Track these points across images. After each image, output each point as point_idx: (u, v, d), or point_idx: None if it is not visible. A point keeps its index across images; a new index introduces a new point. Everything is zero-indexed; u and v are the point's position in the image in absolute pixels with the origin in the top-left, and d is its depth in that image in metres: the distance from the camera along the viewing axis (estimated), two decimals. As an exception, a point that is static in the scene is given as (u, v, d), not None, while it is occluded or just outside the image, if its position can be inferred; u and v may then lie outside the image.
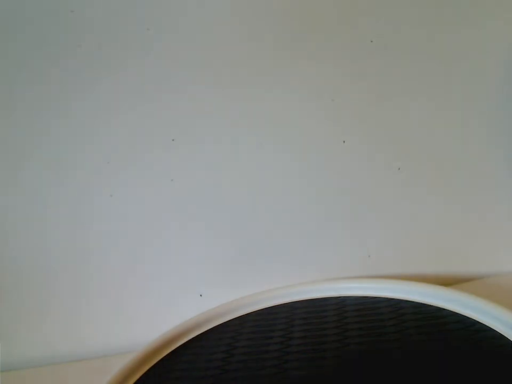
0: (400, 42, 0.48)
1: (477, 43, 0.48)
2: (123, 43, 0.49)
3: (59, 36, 0.48)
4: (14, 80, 0.49)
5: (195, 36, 0.49)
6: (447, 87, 0.49)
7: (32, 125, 0.50)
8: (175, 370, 0.38)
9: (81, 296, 0.53)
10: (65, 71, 0.49)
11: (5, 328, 0.53)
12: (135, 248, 0.52)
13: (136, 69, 0.49)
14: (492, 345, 0.32)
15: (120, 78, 0.49)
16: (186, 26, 0.49)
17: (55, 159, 0.51)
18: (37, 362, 0.53)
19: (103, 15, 0.48)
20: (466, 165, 0.50)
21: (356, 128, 0.49)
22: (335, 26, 0.48)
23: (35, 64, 0.49)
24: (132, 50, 0.49)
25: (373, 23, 0.48)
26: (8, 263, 0.52)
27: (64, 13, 0.48)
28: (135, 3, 0.48)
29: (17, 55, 0.49)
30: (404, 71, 0.48)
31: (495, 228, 0.51)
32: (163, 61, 0.49)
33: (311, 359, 0.34)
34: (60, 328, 0.53)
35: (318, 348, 0.35)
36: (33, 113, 0.50)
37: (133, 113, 0.50)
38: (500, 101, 0.49)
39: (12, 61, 0.49)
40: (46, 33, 0.48)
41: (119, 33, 0.48)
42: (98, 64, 0.49)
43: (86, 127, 0.50)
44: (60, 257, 0.52)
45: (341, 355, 0.34)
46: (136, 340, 0.44)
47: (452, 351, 0.32)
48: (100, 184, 0.51)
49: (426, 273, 0.51)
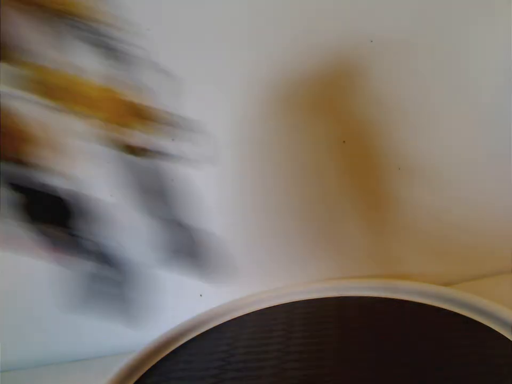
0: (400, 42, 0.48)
1: (477, 43, 0.48)
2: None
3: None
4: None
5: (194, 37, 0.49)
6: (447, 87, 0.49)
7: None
8: (175, 371, 0.38)
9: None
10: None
11: (5, 328, 0.53)
12: (136, 249, 0.52)
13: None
14: (492, 345, 0.32)
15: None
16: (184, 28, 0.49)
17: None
18: (37, 362, 0.53)
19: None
20: (466, 165, 0.50)
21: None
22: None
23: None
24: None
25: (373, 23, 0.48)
26: (9, 263, 0.52)
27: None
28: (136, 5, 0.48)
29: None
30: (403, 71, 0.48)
31: (495, 228, 0.51)
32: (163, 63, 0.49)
33: (310, 359, 0.34)
34: (59, 328, 0.53)
35: (318, 348, 0.35)
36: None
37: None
38: (500, 100, 0.49)
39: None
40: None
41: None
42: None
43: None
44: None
45: (341, 355, 0.34)
46: (136, 340, 0.44)
47: (452, 351, 0.32)
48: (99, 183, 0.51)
49: (426, 274, 0.51)
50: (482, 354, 0.31)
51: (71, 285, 0.23)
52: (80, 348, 0.53)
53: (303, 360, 0.34)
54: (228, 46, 0.45)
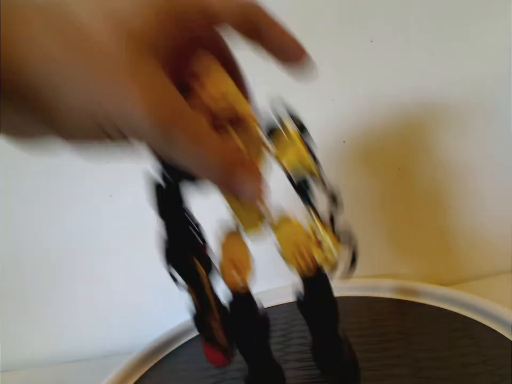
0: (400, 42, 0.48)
1: (478, 42, 0.48)
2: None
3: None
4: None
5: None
6: (447, 87, 0.49)
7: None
8: (175, 371, 0.38)
9: (81, 296, 0.53)
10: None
11: (5, 328, 0.53)
12: (135, 248, 0.52)
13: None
14: (492, 345, 0.32)
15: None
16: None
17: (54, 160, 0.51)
18: (37, 362, 0.53)
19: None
20: (466, 164, 0.50)
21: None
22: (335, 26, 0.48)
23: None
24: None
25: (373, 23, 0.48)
26: (9, 263, 0.52)
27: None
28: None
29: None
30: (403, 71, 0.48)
31: (495, 228, 0.51)
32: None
33: (310, 359, 0.34)
34: (59, 328, 0.54)
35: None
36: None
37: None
38: (501, 100, 0.49)
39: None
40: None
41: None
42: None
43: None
44: (60, 257, 0.52)
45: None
46: (136, 340, 0.44)
47: (452, 351, 0.32)
48: (100, 184, 0.51)
49: (426, 274, 0.51)
50: (482, 354, 0.31)
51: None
52: (80, 348, 0.53)
53: (303, 360, 0.34)
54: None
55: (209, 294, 0.25)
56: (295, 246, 0.25)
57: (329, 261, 0.25)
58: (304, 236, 0.25)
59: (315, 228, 0.25)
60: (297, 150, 0.25)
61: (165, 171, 0.24)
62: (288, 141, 0.24)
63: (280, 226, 0.25)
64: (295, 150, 0.25)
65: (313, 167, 0.25)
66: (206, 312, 0.25)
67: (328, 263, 0.25)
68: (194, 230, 0.25)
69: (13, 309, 0.53)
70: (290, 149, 0.25)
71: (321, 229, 0.25)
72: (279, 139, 0.24)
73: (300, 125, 0.25)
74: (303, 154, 0.25)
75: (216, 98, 0.21)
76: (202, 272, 0.25)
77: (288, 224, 0.25)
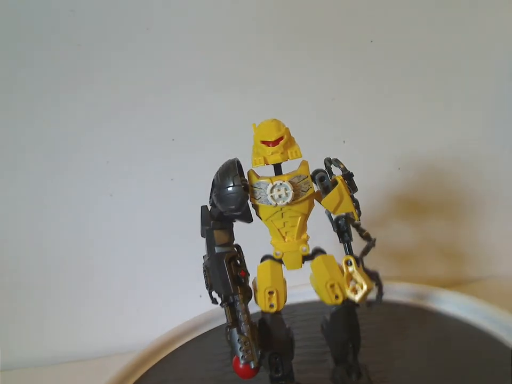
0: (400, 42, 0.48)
1: (478, 42, 0.48)
2: (123, 42, 0.49)
3: (59, 35, 0.48)
4: (13, 79, 0.49)
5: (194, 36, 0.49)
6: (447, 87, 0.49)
7: (31, 123, 0.50)
8: (175, 371, 0.38)
9: (82, 297, 0.53)
10: (65, 69, 0.49)
11: (5, 328, 0.53)
12: (136, 249, 0.52)
13: (136, 69, 0.49)
14: (491, 347, 0.32)
15: (120, 76, 0.49)
16: (184, 28, 0.49)
17: (54, 160, 0.51)
18: (37, 362, 0.53)
19: (103, 15, 0.48)
20: (466, 164, 0.50)
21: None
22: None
23: (35, 63, 0.49)
24: (131, 50, 0.49)
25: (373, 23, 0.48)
26: (9, 263, 0.52)
27: (64, 12, 0.48)
28: (136, 3, 0.48)
29: (17, 53, 0.49)
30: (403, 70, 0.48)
31: (495, 229, 0.51)
32: (163, 62, 0.49)
33: (311, 361, 0.34)
34: (59, 328, 0.53)
35: (319, 350, 0.35)
36: (32, 111, 0.50)
37: (132, 111, 0.50)
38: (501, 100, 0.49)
39: (11, 59, 0.49)
40: (46, 32, 0.48)
41: (119, 32, 0.48)
42: (99, 62, 0.49)
43: (85, 126, 0.50)
44: (61, 257, 0.52)
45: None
46: (136, 340, 0.44)
47: (452, 352, 0.32)
48: (100, 184, 0.51)
49: (426, 274, 0.51)
50: (482, 356, 0.31)
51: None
52: (80, 348, 0.53)
53: (303, 361, 0.34)
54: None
55: (244, 316, 0.28)
56: (328, 278, 0.28)
57: (359, 293, 0.28)
58: (337, 269, 0.28)
59: (348, 264, 0.28)
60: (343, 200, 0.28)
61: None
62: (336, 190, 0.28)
63: (316, 261, 0.29)
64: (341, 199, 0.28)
65: (354, 212, 0.28)
66: (239, 328, 0.28)
67: (357, 294, 0.28)
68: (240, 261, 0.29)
69: (12, 309, 0.53)
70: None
71: (354, 265, 0.28)
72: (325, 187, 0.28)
73: (346, 174, 0.28)
74: (348, 203, 0.28)
75: None
76: (242, 299, 0.28)
77: (324, 257, 0.29)
